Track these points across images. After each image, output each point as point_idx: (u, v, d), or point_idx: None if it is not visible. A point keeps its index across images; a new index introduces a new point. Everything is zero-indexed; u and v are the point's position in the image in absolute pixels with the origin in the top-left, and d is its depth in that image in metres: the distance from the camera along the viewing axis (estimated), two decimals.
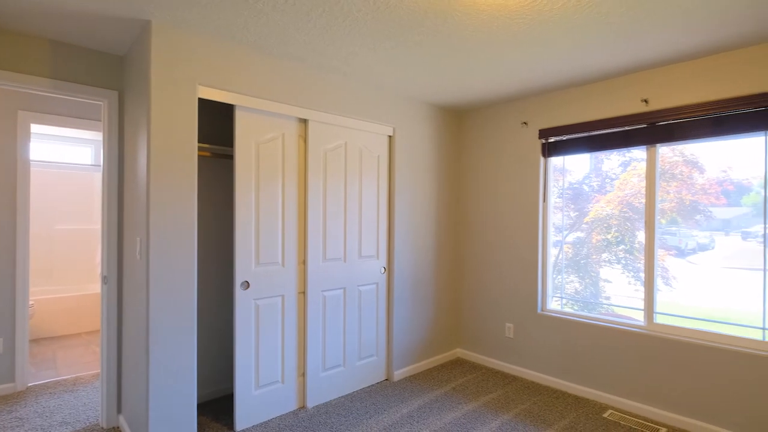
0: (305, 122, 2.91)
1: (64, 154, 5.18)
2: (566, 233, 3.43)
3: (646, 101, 2.86)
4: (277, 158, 2.78)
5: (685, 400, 2.70)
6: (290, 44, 2.49)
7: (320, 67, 2.87)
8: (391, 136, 3.45)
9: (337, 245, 3.10)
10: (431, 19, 2.16)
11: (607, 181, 3.21)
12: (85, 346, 4.35)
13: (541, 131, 3.44)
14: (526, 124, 3.56)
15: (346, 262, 3.16)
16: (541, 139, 3.45)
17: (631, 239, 3.06)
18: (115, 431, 2.64)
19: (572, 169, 3.39)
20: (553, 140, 3.40)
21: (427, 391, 3.26)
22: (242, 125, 2.61)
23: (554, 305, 3.48)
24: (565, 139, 3.33)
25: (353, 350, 3.22)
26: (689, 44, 2.45)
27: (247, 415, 2.66)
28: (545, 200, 3.49)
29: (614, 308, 3.16)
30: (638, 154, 3.01)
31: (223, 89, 2.47)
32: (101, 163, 2.67)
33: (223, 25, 2.25)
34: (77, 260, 5.19)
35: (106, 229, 2.65)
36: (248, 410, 2.66)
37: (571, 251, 3.40)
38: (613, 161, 3.18)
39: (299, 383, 2.92)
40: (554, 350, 3.36)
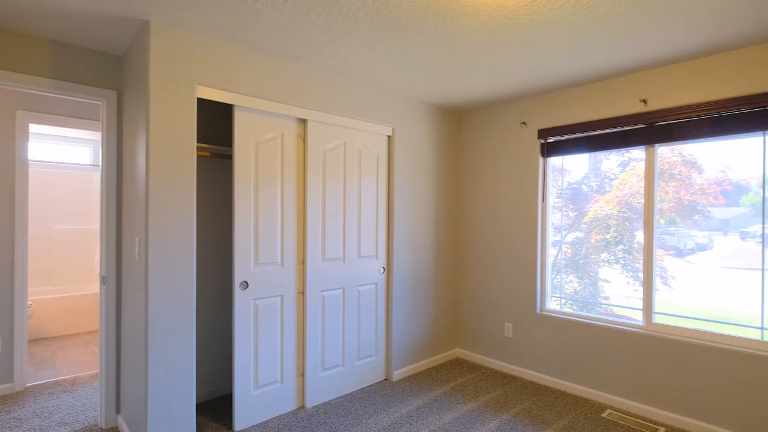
0: (304, 122, 2.91)
1: (62, 154, 5.17)
2: (565, 233, 3.43)
3: (645, 101, 2.87)
4: (276, 158, 2.77)
5: (683, 399, 2.71)
6: (289, 44, 2.49)
7: (319, 66, 2.87)
8: (390, 136, 3.45)
9: (336, 245, 3.10)
10: (430, 19, 2.16)
11: (605, 181, 3.22)
12: (83, 346, 4.34)
13: (540, 131, 3.45)
14: (525, 124, 3.56)
15: (345, 262, 3.16)
16: (540, 139, 3.46)
17: (629, 239, 3.06)
18: (113, 431, 2.63)
19: (571, 169, 3.40)
20: (552, 140, 3.40)
21: (426, 391, 3.26)
22: (241, 125, 2.61)
23: (553, 305, 3.49)
24: (564, 139, 3.33)
25: (352, 350, 3.22)
26: (688, 44, 2.45)
27: (246, 415, 2.66)
28: (544, 200, 3.50)
29: (613, 308, 3.16)
30: (637, 154, 3.01)
31: (222, 89, 2.46)
32: (100, 163, 2.67)
33: (222, 24, 2.25)
34: (76, 260, 5.19)
35: (104, 229, 2.65)
36: (247, 410, 2.66)
37: (570, 251, 3.40)
38: (611, 161, 3.18)
39: (298, 383, 2.92)
40: (553, 350, 3.36)
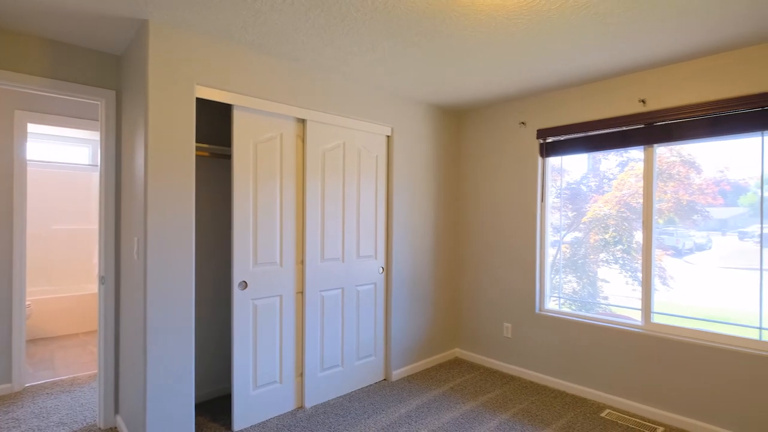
0: (303, 122, 2.91)
1: (61, 153, 5.16)
2: (564, 233, 3.43)
3: (643, 101, 2.87)
4: (275, 158, 2.77)
5: (682, 399, 2.71)
6: (288, 44, 2.49)
7: (318, 67, 2.86)
8: (389, 136, 3.45)
9: (335, 245, 3.09)
10: (429, 19, 2.16)
11: (604, 181, 3.22)
12: (82, 346, 4.33)
13: (539, 131, 3.45)
14: (524, 124, 3.56)
15: (344, 262, 3.16)
16: (539, 139, 3.46)
17: (628, 239, 3.06)
18: (112, 431, 2.64)
19: (570, 169, 3.40)
20: (551, 140, 3.41)
21: (425, 391, 3.26)
22: (240, 125, 2.61)
23: (552, 305, 3.49)
24: (563, 139, 3.33)
25: (351, 350, 3.22)
26: (686, 45, 2.45)
27: (245, 415, 2.66)
28: (543, 200, 3.50)
29: (612, 308, 3.16)
30: (636, 154, 3.02)
31: (221, 89, 2.46)
32: (99, 162, 2.66)
33: (221, 24, 2.25)
34: (74, 260, 5.18)
35: (103, 229, 2.65)
36: (246, 410, 2.66)
37: (568, 251, 3.40)
38: (610, 161, 3.18)
39: (297, 383, 2.92)
40: (552, 350, 3.36)
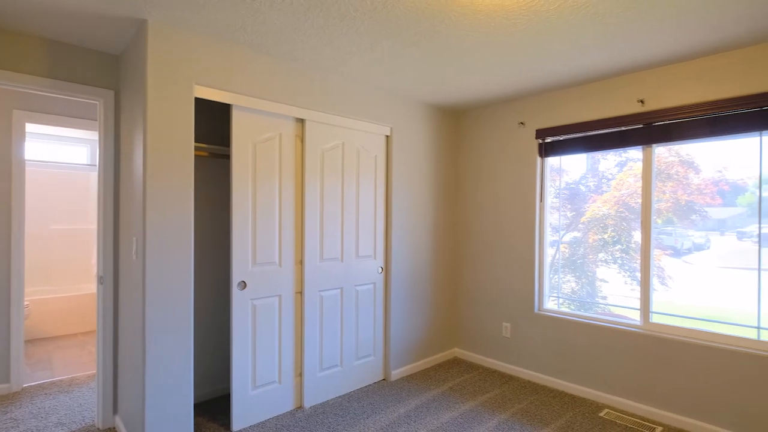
0: (302, 122, 2.91)
1: (59, 153, 5.16)
2: (563, 233, 3.44)
3: (642, 101, 2.88)
4: (274, 158, 2.77)
5: (680, 398, 2.72)
6: (287, 44, 2.49)
7: (317, 66, 2.86)
8: (388, 136, 3.45)
9: (334, 245, 3.09)
10: (428, 19, 2.16)
11: (603, 181, 3.22)
12: (80, 346, 4.33)
13: (538, 131, 3.45)
14: (523, 124, 3.56)
15: (343, 262, 3.16)
16: (538, 139, 3.46)
17: (627, 239, 3.07)
18: None
19: (569, 169, 3.40)
20: (550, 140, 3.41)
21: (424, 390, 3.26)
22: (239, 125, 2.60)
23: (551, 305, 3.49)
24: (561, 139, 3.34)
25: (350, 350, 3.22)
26: (685, 45, 2.46)
27: (243, 415, 2.65)
28: (542, 200, 3.50)
29: (611, 308, 3.17)
30: (634, 154, 3.02)
31: (220, 89, 2.46)
32: (97, 162, 2.66)
33: (220, 24, 2.25)
34: (73, 260, 5.17)
35: (102, 228, 2.64)
36: (245, 410, 2.66)
37: (567, 251, 3.41)
38: (609, 161, 3.19)
39: (296, 383, 2.92)
40: (551, 350, 3.37)
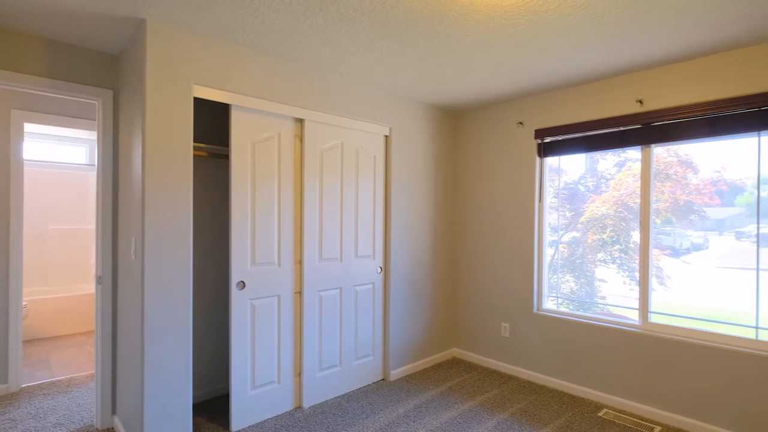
0: (301, 122, 2.91)
1: (58, 153, 5.15)
2: (562, 233, 3.44)
3: (641, 102, 2.88)
4: (273, 158, 2.77)
5: (679, 398, 2.72)
6: (287, 44, 2.48)
7: (317, 66, 2.86)
8: (387, 136, 3.45)
9: (333, 245, 3.09)
10: (427, 19, 2.16)
11: (602, 181, 3.23)
12: (79, 346, 4.32)
13: (537, 131, 3.46)
14: (522, 124, 3.57)
15: (342, 261, 3.16)
16: (537, 139, 3.47)
17: (626, 239, 3.07)
18: None
19: (568, 169, 3.41)
20: (548, 140, 3.41)
21: (423, 390, 3.26)
22: (238, 125, 2.60)
23: (550, 305, 3.50)
24: (560, 139, 3.34)
25: (350, 350, 3.22)
26: (684, 45, 2.46)
27: (242, 415, 2.65)
28: (541, 200, 3.51)
29: (609, 308, 3.17)
30: (633, 154, 3.03)
31: (219, 88, 2.46)
32: (96, 162, 2.66)
33: (219, 24, 2.24)
34: (71, 260, 5.16)
35: (100, 228, 2.64)
36: (244, 410, 2.66)
37: (566, 251, 3.41)
38: (608, 161, 3.19)
39: (295, 383, 2.92)
40: (550, 350, 3.37)
